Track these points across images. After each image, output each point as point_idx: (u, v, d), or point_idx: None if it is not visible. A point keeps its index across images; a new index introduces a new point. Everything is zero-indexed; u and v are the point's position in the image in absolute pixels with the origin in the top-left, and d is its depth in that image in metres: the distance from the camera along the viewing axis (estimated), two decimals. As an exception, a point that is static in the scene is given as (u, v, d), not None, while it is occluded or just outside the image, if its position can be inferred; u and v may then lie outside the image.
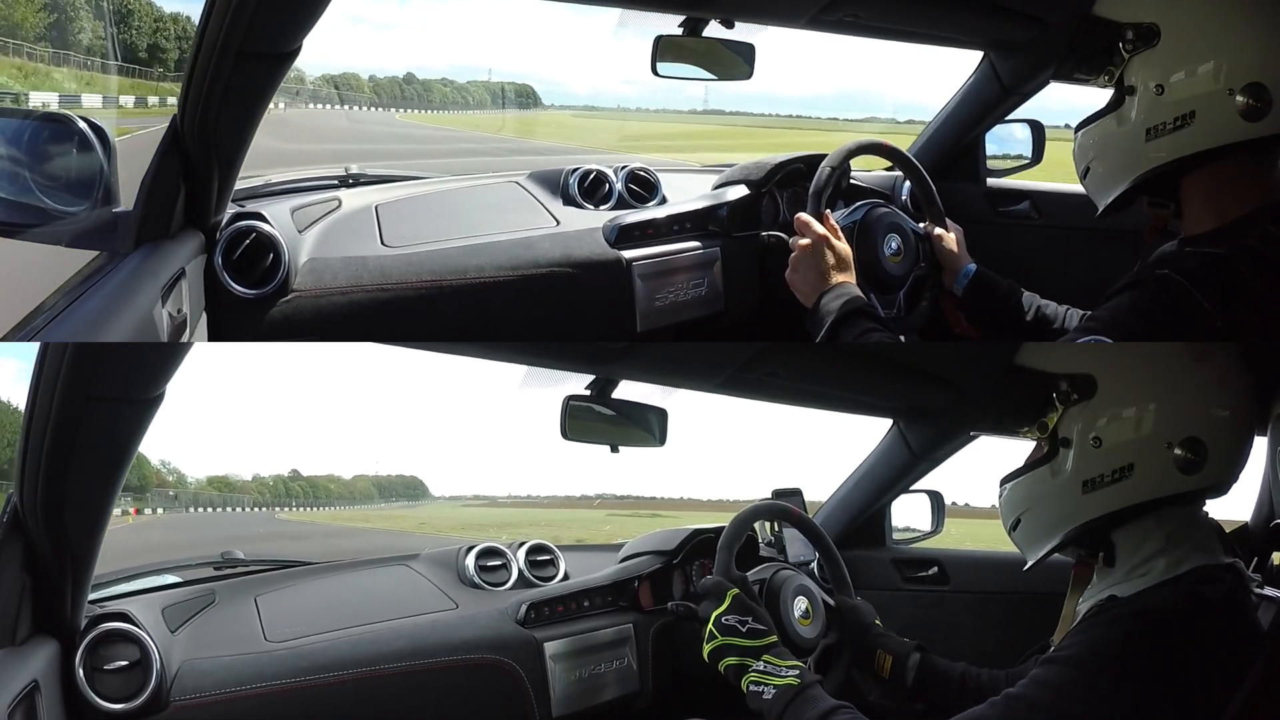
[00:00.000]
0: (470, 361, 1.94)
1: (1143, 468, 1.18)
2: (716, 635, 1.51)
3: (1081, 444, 1.21)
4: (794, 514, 1.92)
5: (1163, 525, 1.19)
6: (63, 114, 1.32)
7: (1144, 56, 1.24)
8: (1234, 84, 1.18)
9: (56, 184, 1.29)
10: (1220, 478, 1.20)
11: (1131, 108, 1.26)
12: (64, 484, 1.15)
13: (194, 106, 1.29)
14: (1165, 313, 1.18)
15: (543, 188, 2.13)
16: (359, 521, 33.84)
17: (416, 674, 1.60)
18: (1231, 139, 1.20)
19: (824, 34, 2.11)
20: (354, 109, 29.86)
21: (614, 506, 54.21)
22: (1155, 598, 1.15)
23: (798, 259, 1.73)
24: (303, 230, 1.76)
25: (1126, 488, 1.19)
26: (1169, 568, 1.17)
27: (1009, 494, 1.31)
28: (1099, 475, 1.20)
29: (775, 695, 1.40)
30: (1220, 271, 1.18)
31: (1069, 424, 1.23)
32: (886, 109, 37.80)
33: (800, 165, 2.17)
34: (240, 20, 1.16)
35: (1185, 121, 1.21)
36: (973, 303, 1.89)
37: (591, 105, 23.03)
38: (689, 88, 37.90)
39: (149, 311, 1.19)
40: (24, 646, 1.24)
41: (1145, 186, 1.29)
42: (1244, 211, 1.23)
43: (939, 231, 1.95)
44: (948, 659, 1.67)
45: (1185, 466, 1.17)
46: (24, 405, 1.12)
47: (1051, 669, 1.14)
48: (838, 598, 1.84)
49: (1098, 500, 1.20)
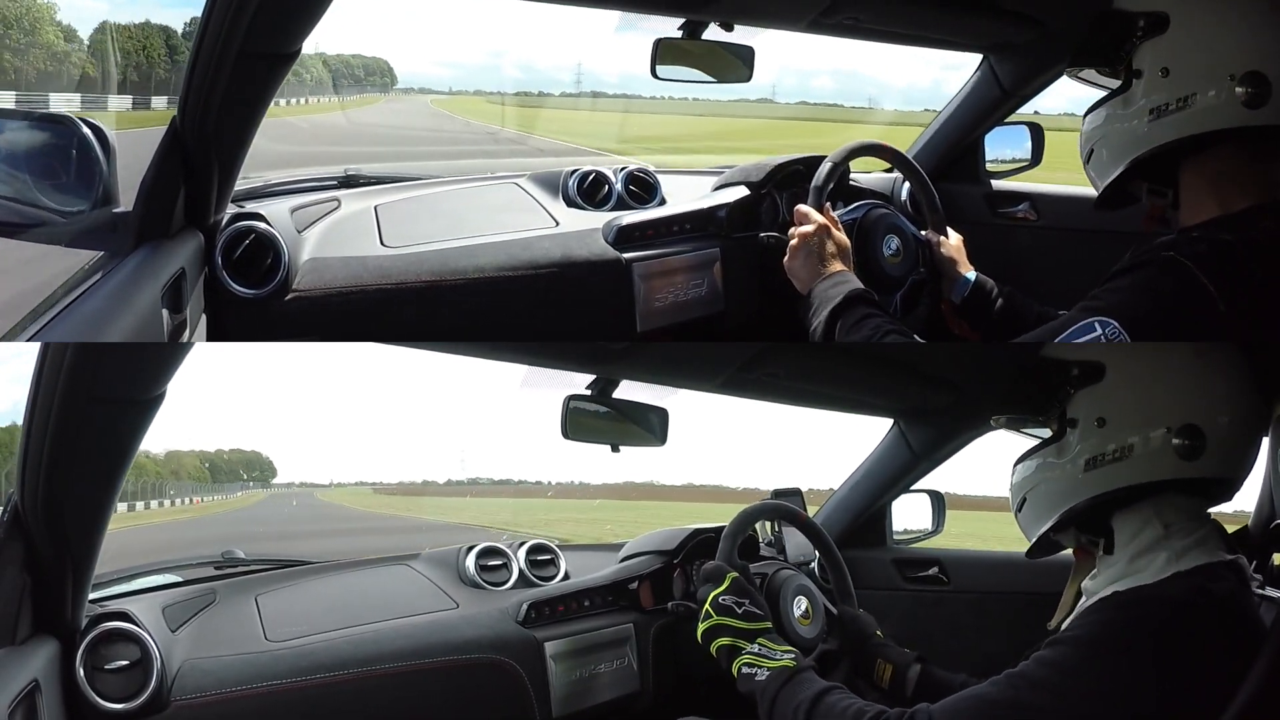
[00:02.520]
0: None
1: (1142, 449, 1.20)
2: (712, 614, 1.50)
3: (1087, 424, 1.24)
4: (800, 517, 1.91)
5: (1162, 515, 1.20)
6: (63, 114, 1.32)
7: (1153, 43, 1.27)
8: (1235, 70, 1.21)
9: (56, 184, 1.29)
10: (1221, 471, 1.21)
11: (1138, 91, 1.29)
12: (64, 484, 1.15)
13: (194, 107, 1.30)
14: (1169, 293, 1.20)
15: (542, 189, 2.13)
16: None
17: (417, 673, 1.60)
18: (1230, 124, 1.22)
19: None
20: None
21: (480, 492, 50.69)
22: (1162, 588, 1.16)
23: (797, 246, 1.73)
24: (302, 230, 1.77)
25: (1126, 467, 1.21)
26: (1168, 563, 1.17)
27: (1018, 475, 1.34)
28: (1100, 454, 1.22)
29: (769, 676, 1.40)
30: (1226, 256, 1.20)
31: (1076, 406, 1.26)
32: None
33: (799, 166, 2.17)
34: (241, 21, 1.16)
35: (1187, 103, 1.24)
36: (972, 311, 1.89)
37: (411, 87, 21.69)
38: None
39: (149, 312, 1.20)
40: (24, 646, 1.24)
41: (1144, 171, 1.31)
42: (1244, 204, 1.24)
43: (940, 239, 1.95)
44: (948, 659, 1.67)
45: (1185, 453, 1.18)
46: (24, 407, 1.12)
47: (1055, 649, 1.15)
48: (840, 607, 1.83)
49: (1098, 478, 1.23)
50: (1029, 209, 2.52)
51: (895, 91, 37.03)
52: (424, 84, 19.27)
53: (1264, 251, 1.20)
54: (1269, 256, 1.20)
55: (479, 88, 23.03)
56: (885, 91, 29.18)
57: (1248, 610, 1.17)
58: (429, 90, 17.70)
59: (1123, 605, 1.16)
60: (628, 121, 20.97)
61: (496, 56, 39.46)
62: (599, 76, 36.17)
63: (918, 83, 36.49)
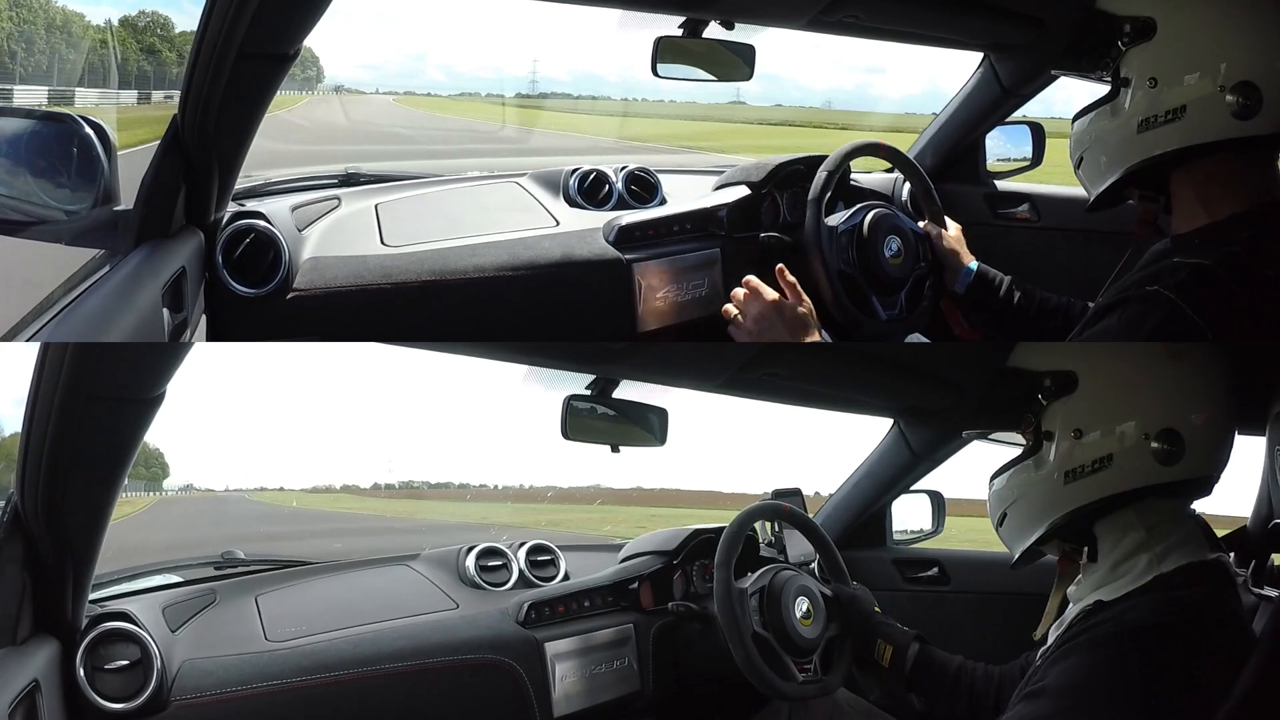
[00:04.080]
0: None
1: (1121, 458, 1.20)
2: None
3: (1063, 436, 1.23)
4: (784, 511, 1.92)
5: (1144, 519, 1.20)
6: (63, 113, 1.32)
7: (1140, 49, 1.25)
8: (1226, 82, 1.19)
9: (57, 183, 1.29)
10: (1200, 471, 1.21)
11: (1126, 99, 1.27)
12: (65, 483, 1.15)
13: (194, 106, 1.29)
14: (1156, 331, 1.19)
15: (543, 188, 2.13)
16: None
17: (417, 674, 1.60)
18: (1221, 136, 1.21)
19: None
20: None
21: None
22: (1135, 611, 1.15)
23: (754, 329, 1.66)
24: (303, 229, 1.77)
25: (1106, 477, 1.20)
26: (1150, 566, 1.18)
27: (995, 489, 1.33)
28: (1080, 466, 1.22)
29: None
30: (1207, 283, 1.19)
31: (1052, 418, 1.25)
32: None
33: (800, 166, 2.17)
34: (241, 21, 1.16)
35: (1177, 115, 1.22)
36: (975, 301, 1.89)
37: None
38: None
39: (150, 311, 1.19)
40: (25, 646, 1.24)
41: (1136, 179, 1.30)
42: (1230, 211, 1.23)
43: (939, 231, 1.95)
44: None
45: (1163, 458, 1.18)
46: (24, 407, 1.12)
47: (1035, 704, 1.14)
48: (835, 587, 1.84)
49: (1078, 490, 1.22)
50: (1029, 210, 2.52)
51: (817, 94, 36.53)
52: (341, 84, 18.64)
53: (1244, 263, 1.19)
54: (1250, 267, 1.19)
55: (409, 89, 22.61)
56: (809, 95, 28.80)
57: (1226, 612, 1.16)
58: (348, 90, 17.26)
59: (1094, 645, 1.14)
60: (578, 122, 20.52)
61: (418, 59, 38.91)
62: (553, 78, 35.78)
63: (843, 86, 36.39)
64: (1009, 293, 1.85)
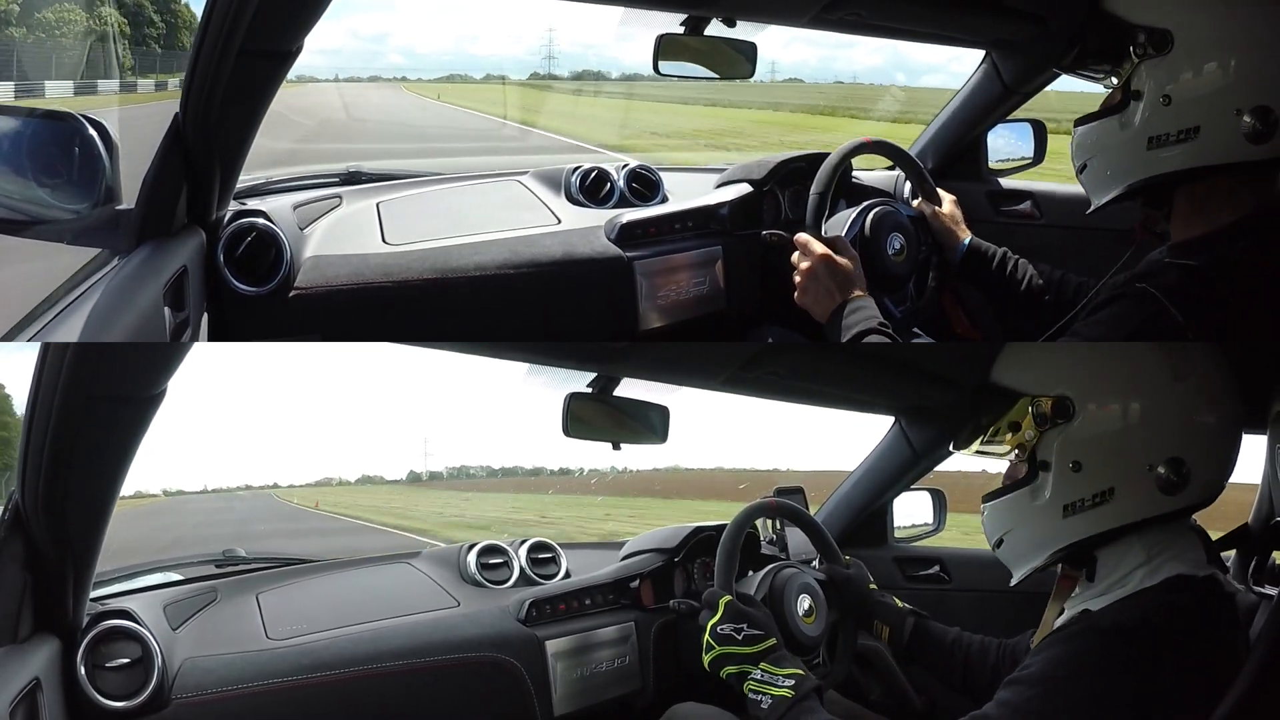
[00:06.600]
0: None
1: (1123, 491, 1.17)
2: (714, 645, 1.52)
3: (1061, 468, 1.20)
4: (770, 506, 1.92)
5: (1144, 539, 1.19)
6: (64, 112, 1.32)
7: (1154, 63, 1.23)
8: (1242, 105, 1.17)
9: (58, 182, 1.28)
10: (1204, 495, 1.19)
11: (1136, 113, 1.25)
12: (65, 482, 1.15)
13: (195, 104, 1.29)
14: (1139, 326, 1.19)
15: (545, 186, 2.13)
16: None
17: (418, 672, 1.60)
18: (1234, 159, 1.19)
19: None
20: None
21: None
22: (1120, 612, 1.15)
23: (804, 283, 1.71)
24: (304, 228, 1.77)
25: (1107, 511, 1.18)
26: (1145, 578, 1.17)
27: (990, 515, 1.31)
28: (1079, 499, 1.19)
29: (771, 706, 1.40)
30: (1195, 285, 1.18)
31: (1047, 447, 1.22)
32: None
33: (801, 164, 2.17)
34: (242, 19, 1.16)
35: (1189, 135, 1.20)
36: (970, 274, 1.89)
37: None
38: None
39: (151, 309, 1.19)
40: (25, 644, 1.24)
41: (1140, 191, 1.29)
42: (1229, 220, 1.23)
43: (933, 209, 1.95)
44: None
45: (1167, 487, 1.15)
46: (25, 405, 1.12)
47: (1014, 689, 1.14)
48: (829, 569, 1.84)
49: (1079, 524, 1.20)
50: (1031, 207, 2.52)
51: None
52: (299, 73, 17.90)
53: (1237, 270, 1.19)
54: (1242, 276, 1.19)
55: (374, 74, 21.93)
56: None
57: (1212, 619, 1.15)
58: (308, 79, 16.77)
59: (1075, 637, 1.15)
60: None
61: (377, 42, 39.04)
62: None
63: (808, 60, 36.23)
64: (1001, 264, 1.85)
